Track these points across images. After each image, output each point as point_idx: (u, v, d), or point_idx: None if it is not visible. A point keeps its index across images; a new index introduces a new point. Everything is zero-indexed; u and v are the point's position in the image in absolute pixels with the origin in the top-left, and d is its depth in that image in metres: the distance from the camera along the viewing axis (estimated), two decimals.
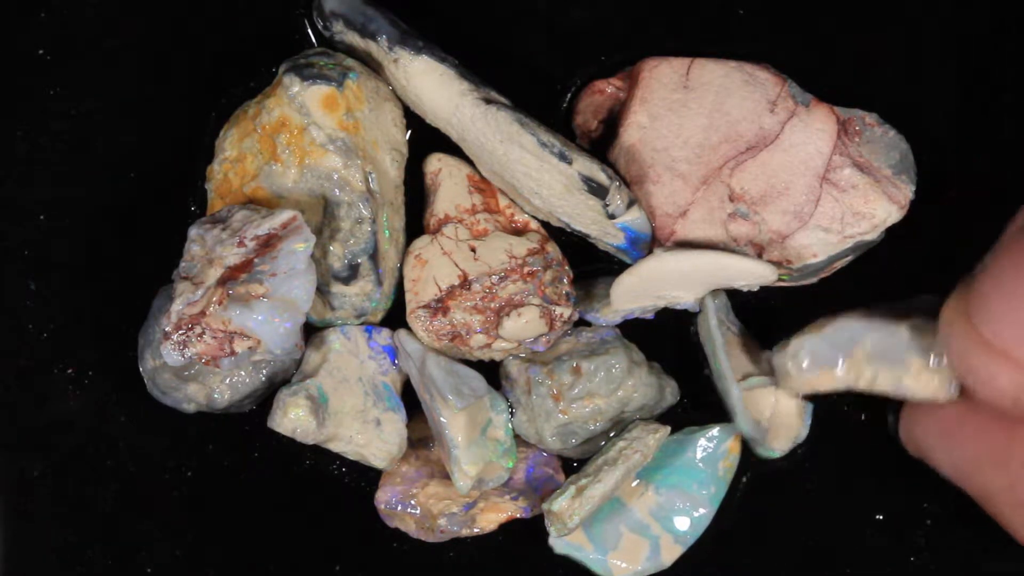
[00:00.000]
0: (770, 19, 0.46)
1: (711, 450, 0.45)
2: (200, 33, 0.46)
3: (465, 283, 0.44)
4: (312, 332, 0.45)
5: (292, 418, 0.43)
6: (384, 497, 0.45)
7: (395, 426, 0.45)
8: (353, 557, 0.46)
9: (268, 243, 0.41)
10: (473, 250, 0.44)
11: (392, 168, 0.45)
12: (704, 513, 0.45)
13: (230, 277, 0.42)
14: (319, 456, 0.46)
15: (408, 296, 0.45)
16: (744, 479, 0.46)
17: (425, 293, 0.44)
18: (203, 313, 0.41)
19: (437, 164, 0.45)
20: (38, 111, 0.46)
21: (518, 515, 0.45)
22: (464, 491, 0.44)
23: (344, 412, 0.44)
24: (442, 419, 0.43)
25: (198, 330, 0.41)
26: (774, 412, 0.45)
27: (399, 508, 0.45)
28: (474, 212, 0.45)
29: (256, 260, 0.42)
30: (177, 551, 0.46)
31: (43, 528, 0.46)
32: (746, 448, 0.45)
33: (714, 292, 0.45)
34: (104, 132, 0.46)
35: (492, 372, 0.45)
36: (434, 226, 0.45)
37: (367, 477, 0.46)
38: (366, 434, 0.44)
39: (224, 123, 0.45)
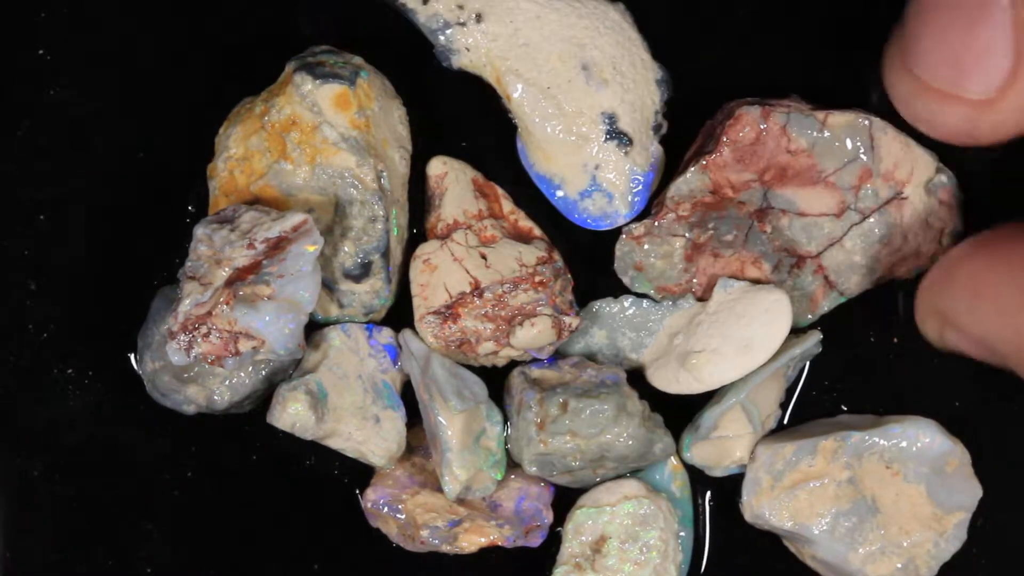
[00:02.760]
0: (771, 19, 0.46)
1: (661, 476, 0.46)
2: (199, 32, 0.46)
3: (477, 290, 0.44)
4: (312, 329, 0.45)
5: (291, 413, 0.43)
6: (372, 496, 0.45)
7: (394, 424, 0.45)
8: (354, 558, 0.46)
9: (278, 245, 0.41)
10: (484, 257, 0.44)
11: (401, 166, 0.45)
12: (685, 535, 0.46)
13: (237, 278, 0.42)
14: (319, 456, 0.46)
15: (416, 301, 0.45)
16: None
17: (435, 299, 0.44)
18: (210, 313, 0.41)
19: (442, 167, 0.45)
20: (38, 111, 0.46)
21: (500, 543, 0.45)
22: (451, 496, 0.44)
23: (343, 408, 0.44)
24: (440, 419, 0.43)
25: (204, 330, 0.41)
26: (726, 439, 0.45)
27: (385, 510, 0.45)
28: (481, 218, 0.45)
29: (264, 261, 0.42)
30: (177, 551, 0.46)
31: (43, 528, 0.46)
32: (693, 471, 0.46)
33: (818, 338, 0.45)
34: (104, 132, 0.46)
35: (490, 379, 0.45)
36: (442, 231, 0.45)
37: (368, 479, 0.46)
38: (365, 431, 0.44)
39: (223, 121, 0.45)
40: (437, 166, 0.45)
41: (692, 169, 0.43)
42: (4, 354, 0.46)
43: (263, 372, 0.44)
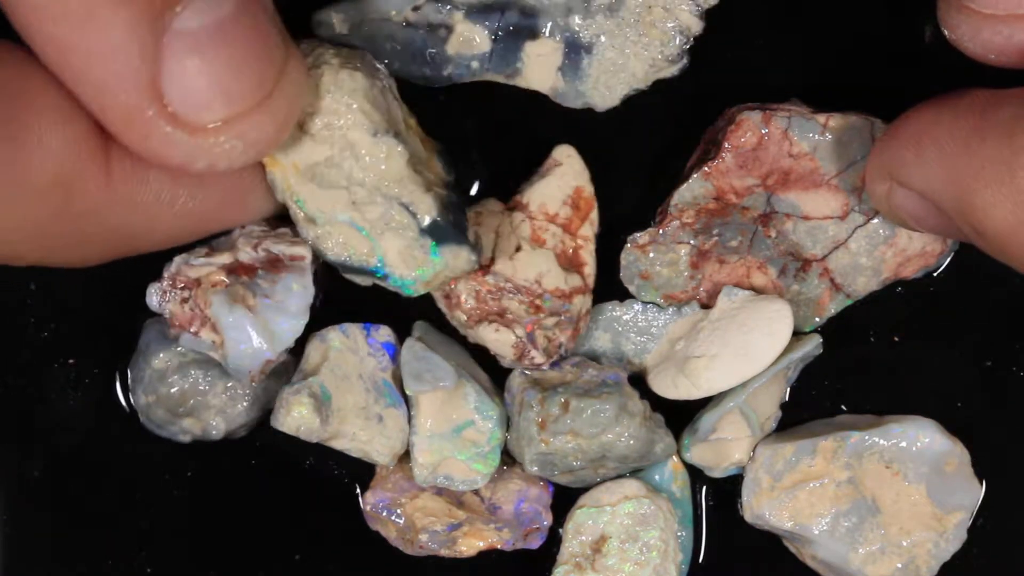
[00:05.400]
0: (772, 18, 0.45)
1: (661, 477, 0.46)
2: None
3: (485, 267, 0.44)
4: (312, 330, 0.45)
5: (296, 416, 0.43)
6: (372, 499, 0.45)
7: (397, 422, 0.45)
8: (353, 560, 0.46)
9: (275, 264, 0.41)
10: (518, 249, 0.44)
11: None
12: (685, 535, 0.46)
13: (234, 271, 0.42)
14: (320, 456, 0.46)
15: None
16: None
17: None
18: (198, 282, 0.41)
19: (566, 156, 0.45)
20: None
21: (499, 545, 0.45)
22: (419, 479, 0.44)
23: (346, 409, 0.44)
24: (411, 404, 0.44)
25: (185, 294, 0.41)
26: (725, 441, 0.45)
27: (384, 514, 0.45)
28: (550, 220, 0.45)
29: (260, 271, 0.42)
30: (177, 552, 0.46)
31: (43, 528, 0.46)
32: (693, 470, 0.46)
33: (818, 341, 0.45)
34: None
35: (498, 379, 0.46)
36: (512, 204, 0.45)
37: (367, 480, 0.46)
38: (368, 431, 0.44)
39: None
40: (562, 152, 0.45)
41: (695, 176, 0.43)
42: (4, 354, 0.46)
43: (258, 405, 0.44)
